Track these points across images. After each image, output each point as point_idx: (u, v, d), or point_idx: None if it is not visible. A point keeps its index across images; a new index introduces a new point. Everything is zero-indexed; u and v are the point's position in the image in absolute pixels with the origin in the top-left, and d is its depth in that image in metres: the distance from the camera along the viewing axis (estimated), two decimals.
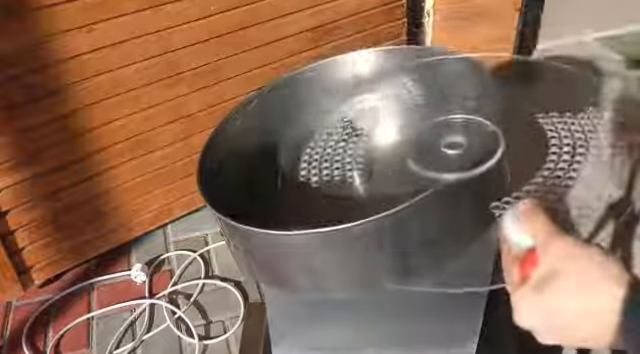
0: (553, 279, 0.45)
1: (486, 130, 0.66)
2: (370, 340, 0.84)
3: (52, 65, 1.24)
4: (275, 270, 0.73)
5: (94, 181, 1.43)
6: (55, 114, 1.29)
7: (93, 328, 1.41)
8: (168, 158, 1.52)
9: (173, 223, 1.66)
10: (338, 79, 0.92)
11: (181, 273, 1.53)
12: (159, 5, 1.30)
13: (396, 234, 0.64)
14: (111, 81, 1.33)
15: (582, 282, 0.44)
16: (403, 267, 0.69)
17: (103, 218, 1.50)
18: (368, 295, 0.78)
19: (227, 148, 0.86)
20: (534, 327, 0.47)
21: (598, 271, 0.44)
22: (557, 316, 0.45)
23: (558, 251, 0.46)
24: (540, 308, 0.46)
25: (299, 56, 1.56)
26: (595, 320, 0.43)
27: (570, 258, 0.45)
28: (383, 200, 0.66)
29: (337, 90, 0.93)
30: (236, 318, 1.40)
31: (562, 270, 0.45)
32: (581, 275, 0.44)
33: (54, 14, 1.19)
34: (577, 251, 0.45)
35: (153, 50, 1.34)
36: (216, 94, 1.49)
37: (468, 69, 0.77)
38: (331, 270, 0.70)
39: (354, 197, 0.74)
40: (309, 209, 0.78)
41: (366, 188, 0.74)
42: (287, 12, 1.49)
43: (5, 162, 1.27)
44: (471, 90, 0.73)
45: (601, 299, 0.43)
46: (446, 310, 0.80)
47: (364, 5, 1.61)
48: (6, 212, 1.32)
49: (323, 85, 0.93)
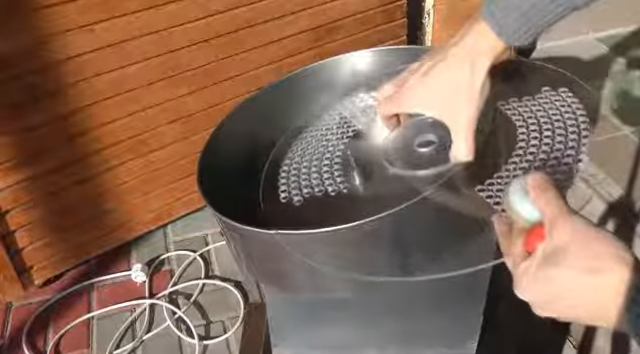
0: (560, 254, 0.44)
1: None
2: (370, 340, 0.84)
3: (52, 65, 1.24)
4: (275, 270, 0.73)
5: (94, 181, 1.43)
6: (55, 114, 1.30)
7: (93, 328, 1.41)
8: (168, 158, 1.52)
9: (173, 223, 1.66)
10: (338, 79, 0.93)
11: (181, 273, 1.53)
12: (159, 5, 1.30)
13: (396, 233, 0.64)
14: (111, 81, 1.33)
15: (590, 260, 0.43)
16: (403, 264, 0.69)
17: (103, 218, 1.50)
18: (368, 295, 0.78)
19: (227, 148, 0.86)
20: (535, 300, 0.47)
21: (608, 251, 0.43)
22: (561, 291, 0.44)
23: (568, 228, 0.45)
24: (544, 282, 0.45)
25: (299, 56, 1.56)
26: (599, 298, 0.43)
27: (580, 236, 0.45)
28: (367, 201, 0.67)
29: (337, 90, 0.93)
30: (236, 318, 1.40)
31: (571, 246, 0.44)
32: (590, 253, 0.44)
33: (54, 14, 1.19)
34: (588, 230, 0.45)
35: (153, 50, 1.34)
36: (216, 94, 1.49)
37: None
38: (331, 269, 0.70)
39: (341, 197, 0.74)
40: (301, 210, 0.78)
41: (351, 189, 0.74)
42: (287, 12, 1.49)
43: (5, 162, 1.27)
44: None
45: (608, 278, 0.42)
46: (446, 310, 0.80)
47: (364, 5, 1.61)
48: (6, 212, 1.32)
49: (323, 85, 0.93)
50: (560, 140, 0.62)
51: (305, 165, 0.79)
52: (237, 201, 0.85)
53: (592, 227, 0.45)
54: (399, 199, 0.57)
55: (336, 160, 0.76)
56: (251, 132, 0.91)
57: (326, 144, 0.82)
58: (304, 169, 0.78)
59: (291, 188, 0.75)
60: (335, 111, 0.91)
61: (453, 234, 0.69)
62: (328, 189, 0.71)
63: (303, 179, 0.76)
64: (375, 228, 0.62)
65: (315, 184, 0.74)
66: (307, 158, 0.79)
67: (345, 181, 0.71)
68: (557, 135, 0.62)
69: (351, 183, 0.71)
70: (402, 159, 0.65)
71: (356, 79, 0.93)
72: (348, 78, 0.92)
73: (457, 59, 0.53)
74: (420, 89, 0.56)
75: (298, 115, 0.95)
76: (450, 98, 0.54)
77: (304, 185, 0.74)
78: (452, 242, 0.68)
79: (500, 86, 0.61)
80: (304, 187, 0.74)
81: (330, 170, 0.75)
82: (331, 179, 0.73)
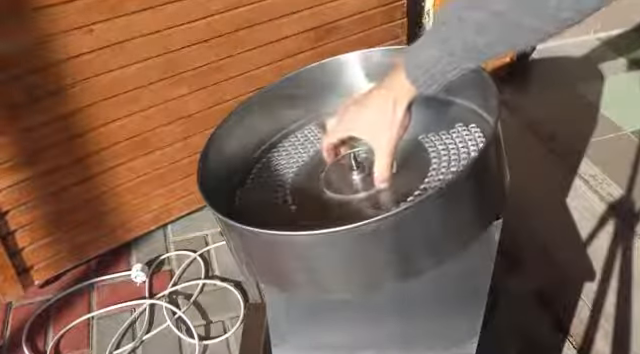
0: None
1: None
2: (370, 340, 0.84)
3: (52, 65, 1.24)
4: (275, 270, 0.73)
5: (94, 181, 1.43)
6: (55, 114, 1.30)
7: (93, 328, 1.41)
8: (168, 158, 1.52)
9: (173, 223, 1.66)
10: (338, 79, 0.93)
11: (181, 273, 1.53)
12: (159, 5, 1.30)
13: (396, 235, 0.65)
14: (111, 81, 1.33)
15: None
16: (403, 265, 0.69)
17: (103, 218, 1.50)
18: (368, 295, 0.78)
19: (227, 148, 0.86)
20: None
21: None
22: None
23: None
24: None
25: (299, 56, 1.56)
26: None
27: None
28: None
29: (337, 90, 0.93)
30: (236, 318, 1.40)
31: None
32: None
33: (54, 14, 1.19)
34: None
35: (153, 50, 1.34)
36: (216, 94, 1.49)
37: None
38: (331, 270, 0.70)
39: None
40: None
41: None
42: (287, 12, 1.49)
43: (5, 162, 1.27)
44: None
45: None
46: (446, 310, 0.80)
47: (364, 5, 1.61)
48: (6, 212, 1.32)
49: (323, 85, 0.93)
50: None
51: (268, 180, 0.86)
52: (237, 201, 0.85)
53: None
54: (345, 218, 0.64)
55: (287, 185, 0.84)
56: (251, 132, 0.91)
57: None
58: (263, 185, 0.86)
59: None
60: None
61: None
62: None
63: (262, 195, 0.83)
64: (374, 229, 0.62)
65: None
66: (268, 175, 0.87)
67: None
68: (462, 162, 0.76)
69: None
70: (338, 185, 0.78)
71: (356, 79, 0.93)
72: (348, 78, 0.93)
73: (383, 96, 0.68)
74: (355, 117, 0.72)
75: (298, 115, 0.96)
76: (376, 125, 0.69)
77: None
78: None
79: (423, 121, 0.79)
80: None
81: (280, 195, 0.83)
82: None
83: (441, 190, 0.63)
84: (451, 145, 0.79)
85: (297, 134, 0.93)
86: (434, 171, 0.76)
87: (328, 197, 0.77)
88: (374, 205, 0.73)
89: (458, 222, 0.70)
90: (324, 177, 0.80)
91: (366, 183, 0.76)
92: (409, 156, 0.79)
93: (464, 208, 0.69)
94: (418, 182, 0.74)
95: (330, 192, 0.78)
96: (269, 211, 0.80)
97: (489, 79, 0.76)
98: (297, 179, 0.85)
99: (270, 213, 0.79)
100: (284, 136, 0.94)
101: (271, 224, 0.66)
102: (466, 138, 0.79)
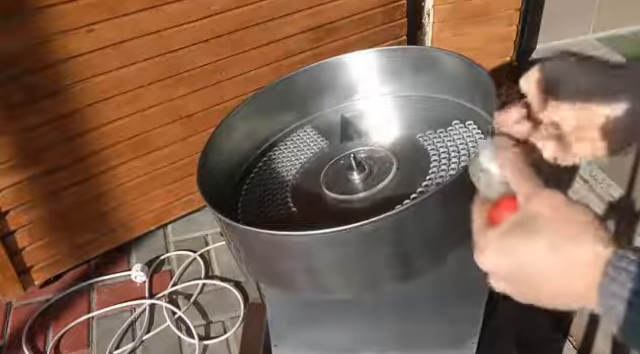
0: (531, 223, 0.40)
1: (380, 155, 0.82)
2: (370, 340, 0.84)
3: (52, 65, 1.24)
4: (275, 270, 0.73)
5: (94, 181, 1.43)
6: (55, 114, 1.30)
7: (93, 328, 1.41)
8: (168, 158, 1.52)
9: (173, 223, 1.66)
10: (338, 79, 0.93)
11: (181, 273, 1.53)
12: (159, 5, 1.30)
13: (396, 235, 0.64)
14: (111, 81, 1.33)
15: (563, 231, 0.39)
16: (403, 265, 0.69)
17: (103, 218, 1.50)
18: (368, 296, 0.78)
19: (227, 148, 0.86)
20: (496, 271, 0.42)
21: (584, 226, 0.39)
22: (527, 262, 0.40)
23: (544, 201, 0.41)
24: (509, 251, 0.41)
25: (299, 56, 1.56)
26: (570, 274, 0.39)
27: (555, 208, 0.40)
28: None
29: (336, 90, 0.93)
30: (236, 318, 1.40)
31: (543, 216, 0.40)
32: (564, 224, 0.39)
33: (54, 14, 1.19)
34: (564, 204, 0.41)
35: (153, 50, 1.34)
36: (216, 94, 1.49)
37: None
38: (331, 270, 0.70)
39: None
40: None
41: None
42: (287, 12, 1.49)
43: (5, 162, 1.27)
44: None
45: (582, 253, 0.38)
46: (446, 310, 0.80)
47: (364, 5, 1.61)
48: (6, 212, 1.32)
49: (323, 85, 0.93)
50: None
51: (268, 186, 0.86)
52: (237, 201, 0.85)
53: (570, 200, 0.41)
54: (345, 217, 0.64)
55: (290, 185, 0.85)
56: (251, 132, 0.91)
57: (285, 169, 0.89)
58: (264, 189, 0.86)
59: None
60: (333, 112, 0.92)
61: None
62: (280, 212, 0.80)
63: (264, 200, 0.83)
64: (374, 229, 0.62)
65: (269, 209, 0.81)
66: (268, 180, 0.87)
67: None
68: (462, 161, 0.76)
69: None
70: (337, 186, 0.78)
71: (355, 79, 0.93)
72: (348, 78, 0.93)
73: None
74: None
75: (297, 115, 0.96)
76: None
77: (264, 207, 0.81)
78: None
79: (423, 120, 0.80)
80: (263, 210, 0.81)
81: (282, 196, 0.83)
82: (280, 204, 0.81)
83: (441, 190, 0.63)
84: (450, 144, 0.79)
85: (297, 134, 0.93)
86: (434, 171, 0.76)
87: (328, 197, 0.77)
88: (374, 205, 0.73)
89: (458, 222, 0.69)
90: (324, 177, 0.80)
91: (366, 183, 0.76)
92: (409, 156, 0.79)
93: (464, 208, 0.69)
94: (418, 182, 0.74)
95: (330, 192, 0.78)
96: (269, 211, 0.80)
97: (489, 79, 0.76)
98: (297, 179, 0.85)
99: (270, 213, 0.79)
100: (284, 136, 0.94)
101: (271, 224, 0.66)
102: (466, 138, 0.80)
